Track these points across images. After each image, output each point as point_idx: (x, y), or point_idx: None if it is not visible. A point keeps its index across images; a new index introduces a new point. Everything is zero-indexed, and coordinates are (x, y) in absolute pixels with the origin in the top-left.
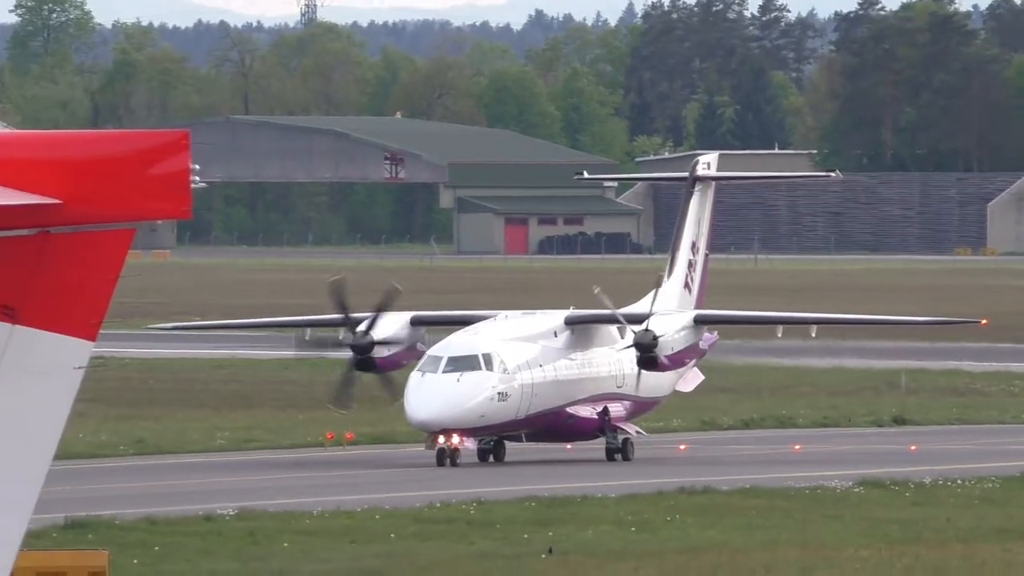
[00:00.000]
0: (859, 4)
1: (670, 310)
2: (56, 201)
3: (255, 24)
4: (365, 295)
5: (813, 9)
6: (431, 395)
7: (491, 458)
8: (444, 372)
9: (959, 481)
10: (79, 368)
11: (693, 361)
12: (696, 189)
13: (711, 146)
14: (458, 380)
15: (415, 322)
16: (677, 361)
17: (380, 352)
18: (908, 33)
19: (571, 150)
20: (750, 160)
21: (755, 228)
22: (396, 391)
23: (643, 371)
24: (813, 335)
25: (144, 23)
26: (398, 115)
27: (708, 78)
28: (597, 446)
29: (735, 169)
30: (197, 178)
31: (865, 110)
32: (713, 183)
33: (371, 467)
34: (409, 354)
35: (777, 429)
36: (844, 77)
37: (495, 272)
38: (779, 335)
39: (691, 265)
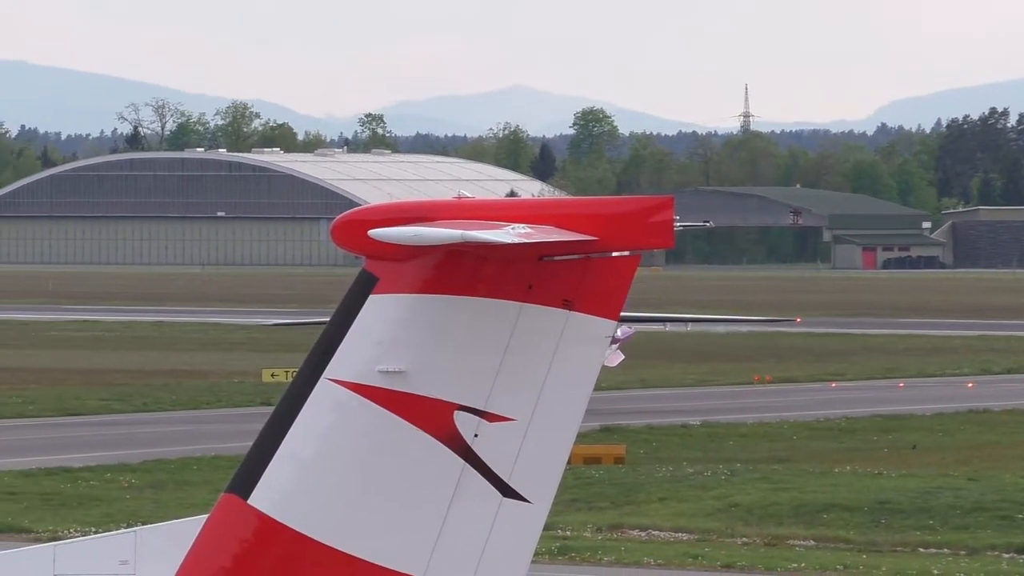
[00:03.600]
0: None
1: None
2: (594, 238)
3: (713, 131)
4: (766, 294)
5: None
6: None
7: None
8: None
9: None
10: (607, 337)
11: (616, 346)
12: None
13: (987, 204)
14: None
15: None
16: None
17: None
18: None
19: (902, 206)
20: (1012, 212)
21: (1014, 254)
22: None
23: None
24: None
25: (647, 133)
26: (798, 186)
27: (985, 163)
28: None
29: (1000, 216)
30: (677, 224)
31: None
32: None
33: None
34: None
35: None
36: None
37: (852, 280)
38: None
39: None
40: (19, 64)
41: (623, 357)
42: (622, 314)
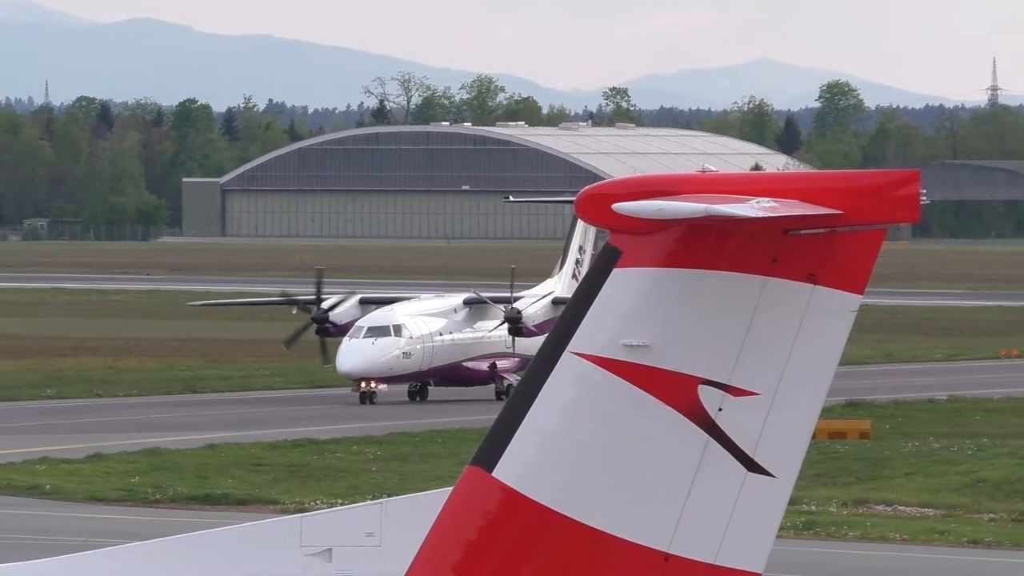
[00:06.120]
0: None
1: (540, 293)
2: (839, 212)
3: (960, 105)
4: (1014, 268)
5: None
6: (354, 353)
7: (417, 398)
8: (364, 337)
9: None
10: (852, 311)
11: None
12: None
13: None
14: (373, 343)
15: (362, 301)
16: (544, 328)
17: (334, 321)
18: None
19: None
20: None
21: None
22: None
23: (516, 336)
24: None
25: (894, 106)
26: None
27: None
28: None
29: None
30: (924, 197)
31: None
32: None
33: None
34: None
35: None
36: None
37: None
38: None
39: (578, 262)
40: (266, 38)
41: None
42: (559, 296)
